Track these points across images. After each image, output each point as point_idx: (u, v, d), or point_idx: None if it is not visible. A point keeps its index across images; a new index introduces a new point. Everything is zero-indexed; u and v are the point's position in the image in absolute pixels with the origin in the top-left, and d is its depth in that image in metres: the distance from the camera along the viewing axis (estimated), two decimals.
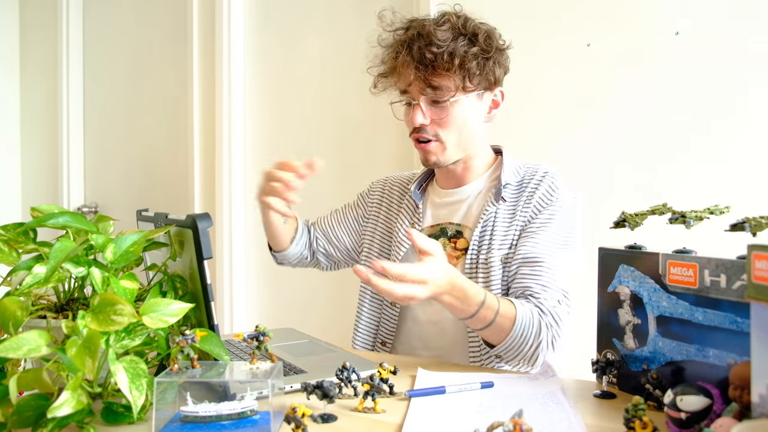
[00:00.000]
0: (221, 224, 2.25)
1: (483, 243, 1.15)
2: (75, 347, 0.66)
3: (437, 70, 1.10)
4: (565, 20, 1.59)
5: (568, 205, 1.15)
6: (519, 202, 1.16)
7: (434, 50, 1.09)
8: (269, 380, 0.71)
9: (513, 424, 0.58)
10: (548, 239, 1.11)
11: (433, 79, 1.11)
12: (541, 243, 1.10)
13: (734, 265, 0.72)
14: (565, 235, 1.12)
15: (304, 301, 2.14)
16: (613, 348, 0.91)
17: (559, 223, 1.12)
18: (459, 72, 1.10)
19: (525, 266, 1.09)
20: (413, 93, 1.15)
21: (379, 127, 1.95)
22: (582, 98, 1.58)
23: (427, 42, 1.09)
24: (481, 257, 1.14)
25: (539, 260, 1.08)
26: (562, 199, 1.14)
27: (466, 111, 1.15)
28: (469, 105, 1.15)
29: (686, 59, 1.46)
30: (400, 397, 0.85)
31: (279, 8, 2.20)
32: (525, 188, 1.17)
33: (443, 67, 1.09)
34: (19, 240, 0.82)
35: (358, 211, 1.38)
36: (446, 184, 1.26)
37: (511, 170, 1.20)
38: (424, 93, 1.13)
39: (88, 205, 2.85)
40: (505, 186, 1.17)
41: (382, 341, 1.25)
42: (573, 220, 1.14)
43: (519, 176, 1.19)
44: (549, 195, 1.14)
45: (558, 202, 1.14)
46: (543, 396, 0.86)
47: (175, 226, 0.87)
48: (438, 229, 1.23)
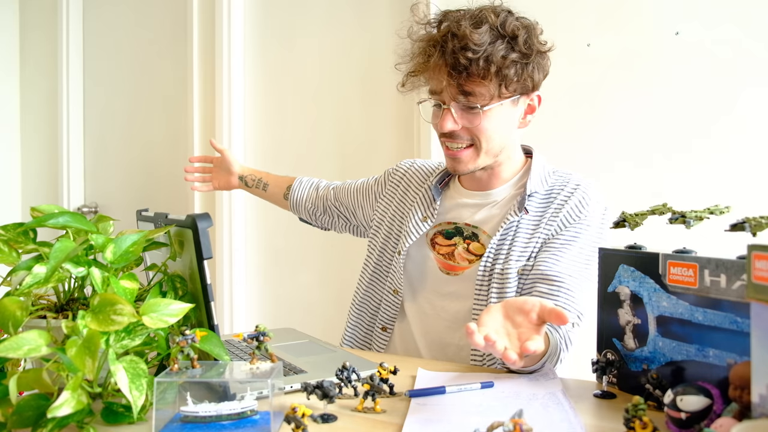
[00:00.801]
0: (221, 224, 2.25)
1: (500, 253, 1.09)
2: (75, 347, 0.66)
3: (472, 77, 1.02)
4: (565, 20, 1.59)
5: (596, 223, 1.08)
6: (545, 214, 1.09)
7: (469, 55, 1.00)
8: (269, 380, 0.71)
9: (513, 424, 0.58)
10: (571, 258, 1.05)
11: (467, 85, 1.03)
12: (563, 261, 1.05)
13: (734, 265, 0.72)
14: (587, 254, 1.07)
15: (304, 301, 2.14)
16: (613, 348, 0.91)
17: (584, 241, 1.07)
18: (495, 79, 1.02)
19: (543, 283, 1.04)
20: (444, 97, 1.07)
21: (379, 127, 1.95)
22: (582, 98, 1.58)
23: (462, 45, 1.00)
24: (497, 267, 1.09)
25: (559, 280, 1.03)
26: (590, 216, 1.08)
27: (500, 118, 1.07)
28: (503, 112, 1.07)
29: (686, 59, 1.46)
30: (400, 397, 0.85)
31: (279, 8, 2.20)
32: (553, 200, 1.10)
33: (478, 74, 1.01)
34: (19, 240, 0.82)
35: (377, 187, 1.34)
36: (470, 186, 1.20)
37: (538, 178, 1.12)
38: (456, 99, 1.05)
39: (88, 205, 2.85)
40: (530, 195, 1.11)
41: (382, 326, 1.23)
42: (599, 239, 1.08)
43: (548, 185, 1.12)
44: (578, 211, 1.08)
45: (586, 220, 1.08)
46: (543, 396, 0.86)
47: (175, 226, 0.87)
48: (453, 227, 1.18)
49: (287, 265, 2.20)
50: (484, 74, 1.01)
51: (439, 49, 1.03)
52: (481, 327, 0.82)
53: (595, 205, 1.09)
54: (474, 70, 1.01)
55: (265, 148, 2.25)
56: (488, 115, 1.05)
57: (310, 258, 2.13)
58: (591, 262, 1.06)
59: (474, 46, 1.00)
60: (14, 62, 3.03)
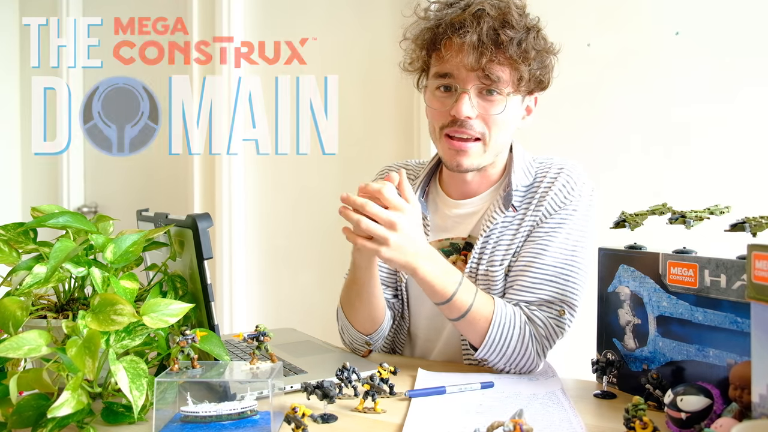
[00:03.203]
0: (221, 224, 2.25)
1: (484, 254, 1.04)
2: (75, 347, 0.66)
3: (503, 59, 0.96)
4: (566, 20, 1.59)
5: (583, 206, 1.03)
6: (530, 206, 1.04)
7: (510, 33, 0.94)
8: (269, 380, 0.71)
9: (513, 424, 0.58)
10: (558, 246, 1.00)
11: (494, 68, 0.96)
12: (548, 251, 1.00)
13: (734, 265, 0.72)
14: (575, 240, 1.01)
15: (304, 301, 2.14)
16: (613, 348, 0.91)
17: (571, 227, 1.01)
18: (522, 66, 0.97)
19: (526, 276, 1.00)
20: (462, 78, 0.98)
21: (380, 127, 1.95)
22: (582, 98, 1.58)
23: (501, 23, 0.95)
24: (480, 269, 1.04)
25: (542, 272, 0.99)
26: (576, 200, 1.02)
27: (513, 112, 1.02)
28: (515, 106, 1.02)
29: (686, 59, 1.46)
30: (400, 397, 0.85)
31: (278, 7, 2.20)
32: (536, 190, 1.04)
33: (512, 56, 0.96)
34: (19, 240, 0.82)
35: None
36: (457, 194, 1.12)
37: (522, 171, 1.06)
38: (480, 81, 0.97)
39: (88, 205, 2.85)
40: (516, 191, 1.05)
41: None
42: (587, 222, 1.03)
43: (530, 177, 1.06)
44: (563, 196, 1.02)
45: (572, 204, 1.02)
46: (543, 396, 0.86)
47: (175, 226, 0.87)
48: (447, 243, 1.10)
49: (287, 265, 2.20)
50: (519, 57, 0.96)
51: (475, 23, 0.95)
52: None
53: (581, 187, 1.04)
54: (510, 49, 0.95)
55: (266, 148, 2.24)
56: (506, 104, 0.99)
57: (310, 258, 2.13)
58: (579, 248, 1.01)
59: (514, 25, 0.96)
60: (14, 62, 3.03)
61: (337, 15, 2.06)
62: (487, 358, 0.97)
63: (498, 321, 0.95)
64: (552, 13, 1.62)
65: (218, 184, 2.27)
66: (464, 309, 0.94)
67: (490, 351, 0.96)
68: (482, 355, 0.97)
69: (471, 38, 0.94)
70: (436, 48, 1.01)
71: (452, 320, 0.97)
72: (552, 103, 1.62)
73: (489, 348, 0.96)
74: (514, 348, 0.96)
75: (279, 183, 2.20)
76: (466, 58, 0.95)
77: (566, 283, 1.00)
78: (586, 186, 1.05)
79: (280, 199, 2.20)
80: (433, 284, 0.93)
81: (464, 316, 0.95)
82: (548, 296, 0.99)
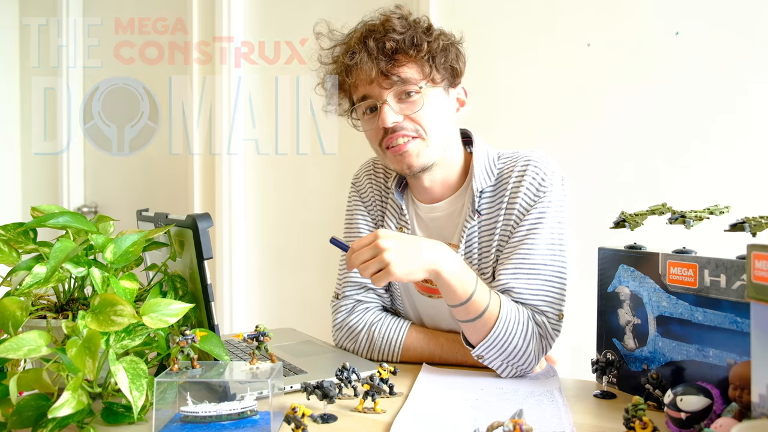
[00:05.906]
0: (221, 224, 2.25)
1: (472, 259, 1.06)
2: (75, 347, 0.66)
3: (400, 60, 1.02)
4: (566, 20, 1.59)
5: (557, 197, 1.02)
6: (501, 204, 1.04)
7: (395, 37, 1.01)
8: (269, 380, 0.71)
9: (513, 424, 0.58)
10: (544, 243, 1.00)
11: (398, 69, 1.01)
12: (536, 250, 0.99)
13: (734, 265, 0.72)
14: (558, 233, 1.01)
15: (304, 301, 2.14)
16: (613, 348, 0.91)
17: (552, 220, 1.01)
18: (424, 58, 1.02)
19: (520, 279, 0.99)
20: (376, 93, 1.03)
21: None
22: (582, 98, 1.58)
23: (383, 33, 1.02)
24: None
25: (536, 270, 0.99)
26: (549, 190, 1.02)
27: (437, 104, 1.05)
28: (438, 98, 1.05)
29: (686, 59, 1.46)
30: (400, 397, 0.85)
31: (278, 7, 2.20)
32: (506, 187, 1.04)
33: (407, 54, 1.02)
34: (19, 240, 0.82)
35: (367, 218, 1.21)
36: (425, 198, 1.13)
37: (482, 175, 1.06)
38: (391, 87, 1.02)
39: (88, 205, 2.85)
40: (481, 194, 1.06)
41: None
42: (562, 210, 1.03)
43: (494, 176, 1.06)
44: (536, 189, 1.02)
45: (546, 196, 1.01)
46: (540, 394, 0.86)
47: (175, 226, 0.87)
48: None
49: (287, 265, 2.20)
50: (413, 53, 1.01)
51: (362, 47, 1.03)
52: None
53: (552, 176, 1.03)
54: (401, 49, 1.01)
55: (266, 148, 2.24)
56: (425, 98, 1.03)
57: (310, 258, 2.13)
58: (563, 242, 1.01)
59: (398, 29, 1.02)
60: (14, 62, 3.03)
61: (337, 15, 2.06)
62: (484, 355, 0.95)
63: (504, 318, 0.94)
64: (552, 14, 1.63)
65: (218, 184, 2.27)
66: (481, 310, 0.93)
67: (489, 349, 0.94)
68: (479, 352, 0.95)
69: (362, 57, 1.02)
70: (347, 82, 1.07)
71: (464, 321, 0.95)
72: (552, 103, 1.62)
73: (488, 347, 0.94)
74: (515, 346, 0.94)
75: (279, 183, 2.20)
76: (368, 74, 1.02)
77: (560, 279, 1.00)
78: (556, 175, 1.04)
79: (280, 199, 2.20)
80: (454, 286, 0.92)
81: (480, 316, 0.93)
82: (548, 297, 0.99)
